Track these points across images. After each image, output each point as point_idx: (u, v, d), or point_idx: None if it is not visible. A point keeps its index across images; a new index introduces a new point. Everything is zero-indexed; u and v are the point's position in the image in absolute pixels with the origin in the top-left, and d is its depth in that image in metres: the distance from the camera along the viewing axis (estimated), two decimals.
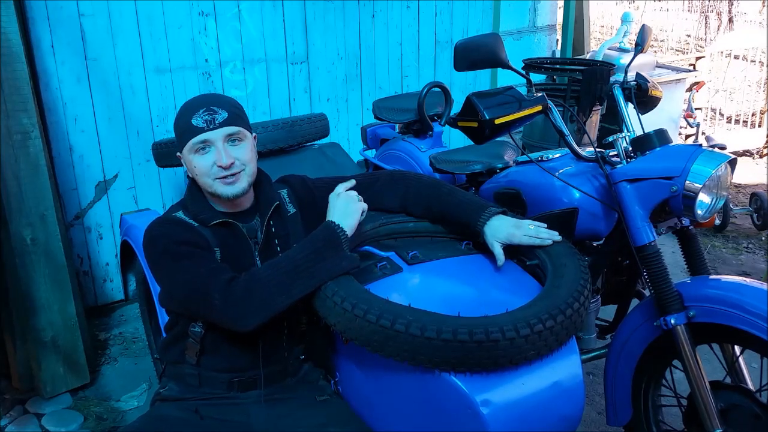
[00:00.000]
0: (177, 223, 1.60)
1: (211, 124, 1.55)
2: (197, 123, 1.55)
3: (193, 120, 1.55)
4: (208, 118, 1.55)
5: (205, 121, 1.55)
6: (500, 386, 1.36)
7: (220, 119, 1.56)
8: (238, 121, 1.60)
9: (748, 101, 5.65)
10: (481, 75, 4.44)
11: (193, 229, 1.59)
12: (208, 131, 1.55)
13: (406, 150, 2.85)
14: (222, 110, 1.57)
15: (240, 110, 1.63)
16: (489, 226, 1.67)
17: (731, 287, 1.67)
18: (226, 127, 1.56)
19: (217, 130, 1.56)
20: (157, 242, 1.56)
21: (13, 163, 2.50)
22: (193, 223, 1.60)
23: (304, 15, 3.64)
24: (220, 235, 1.61)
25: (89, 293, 3.29)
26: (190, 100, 1.64)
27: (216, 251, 1.58)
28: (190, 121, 1.56)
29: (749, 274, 3.63)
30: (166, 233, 1.56)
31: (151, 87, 3.25)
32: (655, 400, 1.90)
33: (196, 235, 1.58)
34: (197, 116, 1.55)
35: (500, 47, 1.89)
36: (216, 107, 1.57)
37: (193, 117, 1.56)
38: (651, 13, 9.81)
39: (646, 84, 2.12)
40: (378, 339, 1.35)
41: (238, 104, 1.64)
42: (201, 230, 1.59)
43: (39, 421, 2.56)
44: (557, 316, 1.37)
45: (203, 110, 1.56)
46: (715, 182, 1.68)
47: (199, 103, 1.59)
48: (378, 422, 1.56)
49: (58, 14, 2.92)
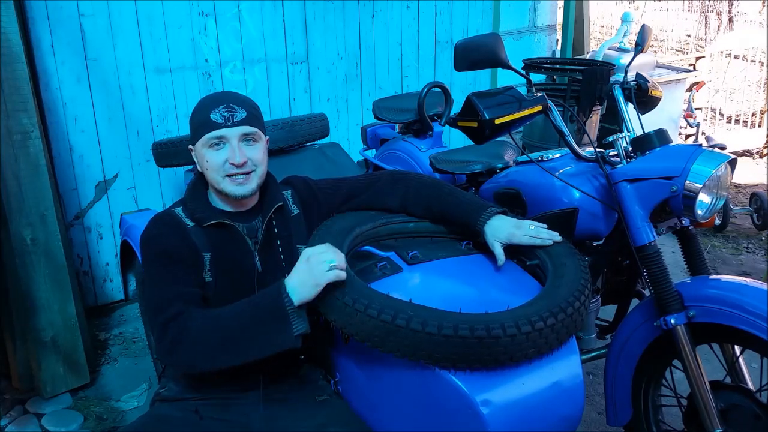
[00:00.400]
0: (172, 224, 1.60)
1: (230, 121, 1.57)
2: (215, 118, 1.57)
3: (212, 115, 1.57)
4: (227, 114, 1.57)
5: (223, 118, 1.57)
6: (500, 386, 1.36)
7: (239, 117, 1.57)
8: (255, 122, 1.62)
9: (748, 101, 5.65)
10: (481, 75, 4.44)
11: (185, 231, 1.59)
12: (226, 128, 1.57)
13: (406, 150, 2.85)
14: (241, 109, 1.59)
15: (258, 112, 1.65)
16: (489, 226, 1.67)
17: (731, 287, 1.67)
18: (244, 126, 1.58)
19: (235, 128, 1.57)
20: (148, 243, 1.60)
21: (13, 163, 2.50)
22: (187, 223, 1.61)
23: (304, 15, 3.64)
24: (214, 237, 1.61)
25: (89, 293, 3.29)
26: (210, 94, 1.66)
27: (205, 256, 1.59)
28: (209, 115, 1.57)
29: (749, 274, 3.63)
30: (157, 236, 1.58)
31: (151, 87, 3.25)
32: (655, 400, 1.90)
33: (185, 243, 1.58)
34: (216, 111, 1.57)
35: (500, 47, 1.89)
36: (236, 105, 1.59)
37: (212, 112, 1.57)
38: (651, 13, 9.81)
39: (646, 84, 2.12)
40: (379, 334, 1.35)
41: (256, 106, 1.66)
42: (194, 232, 1.60)
43: (39, 421, 2.56)
44: (558, 314, 1.37)
45: (223, 106, 1.57)
46: (715, 182, 1.68)
47: (219, 99, 1.61)
48: (378, 422, 1.56)
49: (58, 14, 2.92)
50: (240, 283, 1.62)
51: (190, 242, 1.59)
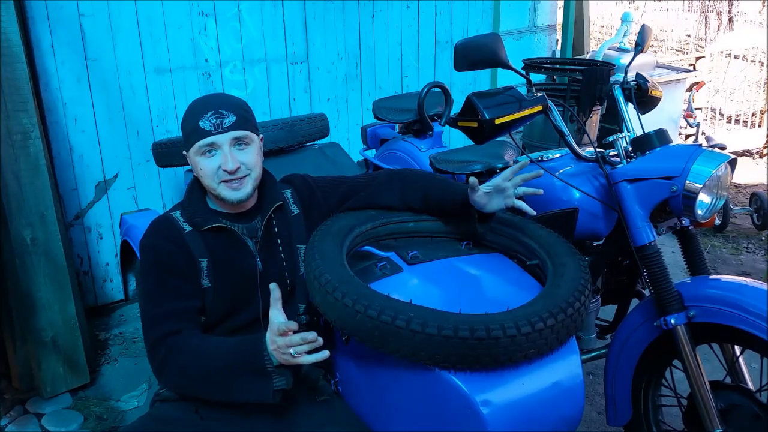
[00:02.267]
0: (168, 231, 1.60)
1: (219, 128, 1.55)
2: (204, 126, 1.55)
3: (200, 122, 1.55)
4: (216, 121, 1.55)
5: (212, 125, 1.55)
6: (500, 386, 1.36)
7: (228, 123, 1.56)
8: (246, 124, 1.60)
9: (748, 101, 5.65)
10: (481, 75, 4.44)
11: (182, 238, 1.59)
12: (216, 135, 1.55)
13: (406, 150, 2.85)
14: (230, 113, 1.57)
15: (248, 113, 1.63)
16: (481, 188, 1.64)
17: (731, 287, 1.67)
18: (234, 131, 1.57)
19: (225, 134, 1.56)
20: (145, 252, 1.61)
21: (13, 163, 2.50)
22: (185, 228, 1.61)
23: (304, 15, 3.64)
24: (212, 241, 1.61)
25: (89, 293, 3.29)
26: (198, 99, 1.64)
27: (202, 262, 1.59)
28: (198, 123, 1.56)
29: (749, 274, 3.63)
30: (154, 246, 1.60)
31: (151, 87, 3.25)
32: (655, 400, 1.90)
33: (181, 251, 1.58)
34: (205, 119, 1.55)
35: (500, 47, 1.89)
36: (224, 110, 1.57)
37: (201, 119, 1.56)
38: (651, 13, 9.81)
39: (646, 84, 2.12)
40: (379, 335, 1.35)
41: (246, 106, 1.64)
42: (191, 237, 1.60)
43: (39, 421, 2.56)
44: (558, 315, 1.37)
45: (211, 113, 1.56)
46: (715, 182, 1.68)
47: (207, 104, 1.59)
48: (378, 422, 1.56)
49: (58, 14, 2.92)
50: (240, 285, 1.62)
51: (187, 250, 1.59)
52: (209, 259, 1.60)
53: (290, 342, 1.36)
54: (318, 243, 1.59)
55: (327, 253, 1.54)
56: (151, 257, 1.59)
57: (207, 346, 1.50)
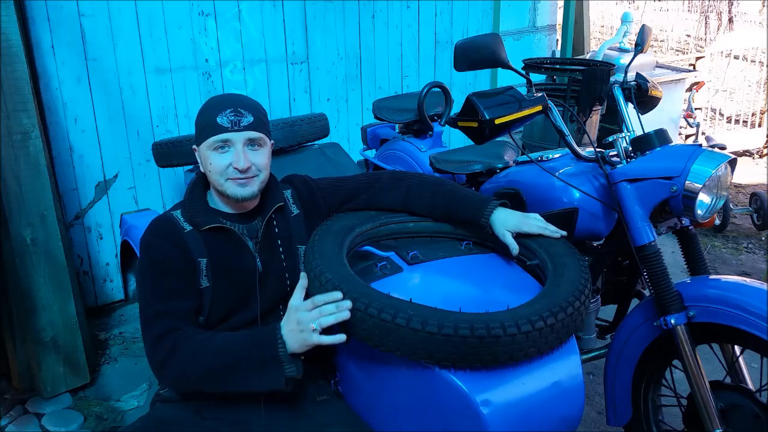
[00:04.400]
0: (168, 231, 1.60)
1: (236, 126, 1.56)
2: (222, 122, 1.56)
3: (218, 118, 1.56)
4: (234, 119, 1.56)
5: (230, 122, 1.56)
6: (500, 386, 1.36)
7: (245, 122, 1.57)
8: (262, 127, 1.61)
9: (748, 101, 5.65)
10: (481, 75, 4.44)
11: (182, 238, 1.59)
12: (232, 132, 1.56)
13: (406, 150, 2.85)
14: (249, 114, 1.58)
15: (265, 116, 1.65)
16: (496, 217, 1.68)
17: (731, 287, 1.67)
18: (250, 131, 1.58)
19: (241, 133, 1.57)
20: (144, 251, 1.60)
21: (13, 163, 2.50)
22: (185, 227, 1.61)
23: (304, 15, 3.64)
24: (212, 241, 1.61)
25: (89, 293, 3.29)
26: (218, 96, 1.65)
27: (201, 262, 1.59)
28: (216, 118, 1.57)
29: (749, 274, 3.63)
30: (153, 245, 1.59)
31: (151, 87, 3.25)
32: (655, 400, 1.90)
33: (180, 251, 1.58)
34: (223, 115, 1.56)
35: (500, 47, 1.89)
36: (243, 109, 1.58)
37: (220, 115, 1.57)
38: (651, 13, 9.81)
39: (646, 84, 2.12)
40: (379, 333, 1.35)
41: (263, 110, 1.66)
42: (191, 237, 1.60)
43: (39, 421, 2.56)
44: (558, 314, 1.37)
45: (230, 110, 1.57)
46: (715, 182, 1.68)
47: (227, 101, 1.60)
48: (378, 422, 1.56)
49: (58, 14, 2.92)
50: (239, 285, 1.62)
51: (186, 249, 1.59)
52: (209, 259, 1.60)
53: (319, 302, 1.38)
54: (318, 242, 1.59)
55: (327, 252, 1.54)
56: (151, 256, 1.59)
57: (215, 339, 1.50)
